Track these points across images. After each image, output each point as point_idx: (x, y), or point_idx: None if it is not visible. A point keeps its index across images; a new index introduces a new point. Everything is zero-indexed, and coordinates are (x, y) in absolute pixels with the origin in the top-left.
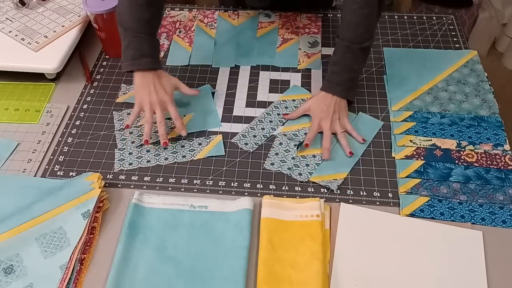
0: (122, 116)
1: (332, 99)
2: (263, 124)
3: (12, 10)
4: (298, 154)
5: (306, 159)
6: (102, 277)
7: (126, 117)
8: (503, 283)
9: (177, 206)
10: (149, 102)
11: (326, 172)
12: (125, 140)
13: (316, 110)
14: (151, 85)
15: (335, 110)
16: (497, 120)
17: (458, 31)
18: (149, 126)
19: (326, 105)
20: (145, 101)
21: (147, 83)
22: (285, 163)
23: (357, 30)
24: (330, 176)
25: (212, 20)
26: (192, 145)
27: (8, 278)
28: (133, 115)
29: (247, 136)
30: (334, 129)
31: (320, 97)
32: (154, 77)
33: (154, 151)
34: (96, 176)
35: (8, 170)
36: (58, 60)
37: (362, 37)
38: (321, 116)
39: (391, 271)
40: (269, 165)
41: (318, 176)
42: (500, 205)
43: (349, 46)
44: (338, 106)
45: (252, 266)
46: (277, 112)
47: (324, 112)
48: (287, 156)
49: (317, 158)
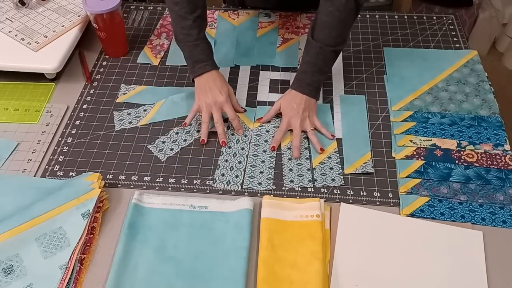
0: (123, 116)
1: (302, 98)
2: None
3: (12, 10)
4: (314, 164)
5: (325, 163)
6: (102, 277)
7: (126, 117)
8: (503, 283)
9: (177, 206)
10: (205, 104)
11: (354, 160)
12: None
13: (286, 108)
14: (207, 88)
15: (305, 108)
16: (497, 120)
17: (458, 31)
18: (205, 126)
19: (296, 104)
20: (201, 102)
21: (202, 86)
22: (303, 176)
23: (332, 33)
24: (359, 162)
25: (212, 20)
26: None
27: (8, 278)
28: (190, 114)
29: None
30: (304, 127)
31: (291, 96)
32: (209, 79)
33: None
34: (96, 176)
35: (8, 170)
36: (58, 60)
37: (336, 40)
38: (291, 114)
39: (391, 271)
40: (289, 183)
41: (350, 167)
42: (500, 205)
43: (322, 47)
44: (307, 104)
45: (252, 266)
46: (264, 139)
47: (294, 110)
48: (302, 169)
49: (334, 158)
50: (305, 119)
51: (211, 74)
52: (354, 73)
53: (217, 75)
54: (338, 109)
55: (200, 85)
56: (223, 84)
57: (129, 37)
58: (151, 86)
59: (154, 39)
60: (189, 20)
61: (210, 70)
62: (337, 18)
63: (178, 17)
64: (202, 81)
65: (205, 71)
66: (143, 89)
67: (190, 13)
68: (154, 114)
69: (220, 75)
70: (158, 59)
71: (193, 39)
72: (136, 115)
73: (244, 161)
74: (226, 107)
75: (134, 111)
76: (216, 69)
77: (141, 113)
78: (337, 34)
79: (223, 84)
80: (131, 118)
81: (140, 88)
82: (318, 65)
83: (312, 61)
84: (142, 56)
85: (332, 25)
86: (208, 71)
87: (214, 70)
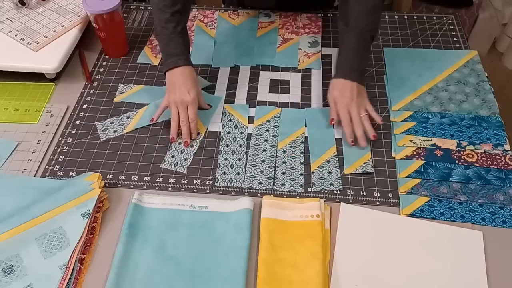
0: (106, 126)
1: (353, 85)
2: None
3: (12, 10)
4: (313, 168)
5: (324, 167)
6: (102, 277)
7: (109, 126)
8: (503, 283)
9: (177, 206)
10: (173, 102)
11: (354, 160)
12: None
13: (340, 98)
14: (175, 85)
15: (358, 94)
16: (497, 120)
17: (458, 31)
18: (174, 124)
19: (349, 92)
20: (170, 100)
21: (172, 82)
22: (295, 181)
23: (369, 18)
24: (359, 162)
25: (212, 20)
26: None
27: (8, 278)
28: (159, 110)
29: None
30: (360, 113)
31: (341, 86)
32: (179, 76)
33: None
34: (96, 176)
35: (8, 170)
36: (58, 60)
37: (372, 26)
38: (347, 103)
39: (391, 271)
40: (280, 186)
41: (350, 167)
42: (500, 205)
43: (362, 33)
44: (359, 90)
45: (252, 266)
46: (264, 139)
47: (348, 98)
48: (295, 173)
49: (332, 162)
50: (360, 105)
51: (183, 70)
52: None
53: (189, 72)
54: None
55: (170, 80)
56: (192, 83)
57: (129, 37)
58: (149, 86)
59: (154, 39)
60: (167, 14)
61: (182, 65)
62: (372, 5)
63: (157, 10)
64: (173, 76)
65: (177, 66)
66: (141, 88)
67: (170, 6)
68: (138, 120)
69: (192, 72)
70: (158, 59)
71: (168, 33)
72: (119, 123)
73: (244, 158)
74: (190, 107)
75: (117, 119)
76: (189, 65)
77: (124, 121)
78: (373, 19)
79: (193, 82)
80: (115, 126)
81: (138, 87)
82: (360, 50)
83: (354, 47)
84: (142, 56)
85: (367, 11)
86: (179, 66)
87: (186, 66)
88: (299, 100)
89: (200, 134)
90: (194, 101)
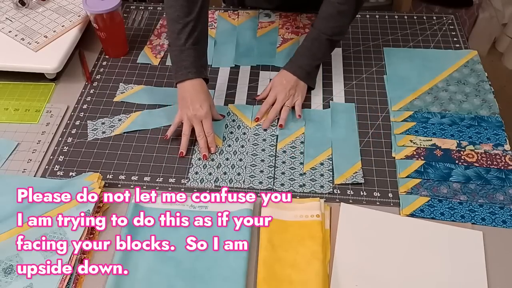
0: (96, 126)
1: (292, 78)
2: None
3: (12, 10)
4: (305, 169)
5: (316, 169)
6: (102, 277)
7: (100, 126)
8: (503, 283)
9: (177, 206)
10: (186, 116)
11: (345, 169)
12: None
13: (276, 83)
14: (188, 99)
15: (293, 87)
16: (497, 120)
17: (458, 31)
18: (185, 138)
19: (286, 81)
20: (183, 115)
21: (184, 96)
22: (294, 181)
23: (329, 22)
24: (350, 172)
25: (212, 20)
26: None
27: (8, 278)
28: (172, 126)
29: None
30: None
31: (282, 75)
32: (191, 89)
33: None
34: (96, 176)
35: (8, 170)
36: (58, 60)
37: (333, 30)
38: (279, 89)
39: (391, 271)
40: (280, 186)
41: (340, 177)
42: (500, 205)
43: (319, 34)
44: (296, 84)
45: (252, 266)
46: (262, 138)
47: (282, 85)
48: (294, 174)
49: (326, 165)
50: (290, 97)
51: (193, 83)
52: (354, 73)
53: (199, 84)
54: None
55: (182, 94)
56: (205, 96)
57: (129, 37)
58: (149, 86)
59: (154, 39)
60: (180, 25)
61: (192, 78)
62: (337, 9)
63: (170, 20)
64: (184, 90)
65: (187, 79)
66: (141, 88)
67: (183, 17)
68: (129, 124)
69: (203, 85)
70: (158, 59)
71: (180, 44)
72: (110, 124)
73: (245, 158)
74: (205, 121)
75: (109, 121)
76: (200, 78)
77: (115, 123)
78: (335, 24)
79: (205, 96)
80: (105, 127)
81: (138, 87)
82: (312, 50)
83: (307, 46)
84: (142, 56)
85: (331, 15)
86: (189, 79)
87: (196, 79)
88: None
89: (218, 147)
90: (208, 115)
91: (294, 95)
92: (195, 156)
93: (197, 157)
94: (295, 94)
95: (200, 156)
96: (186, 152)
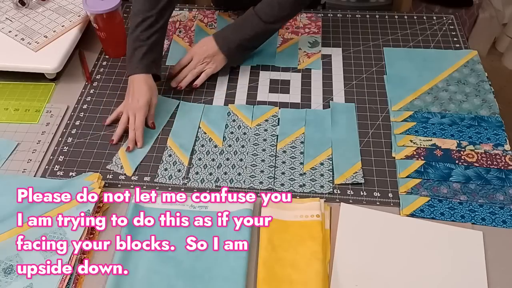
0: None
1: (214, 47)
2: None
3: (12, 10)
4: (305, 169)
5: (316, 169)
6: (102, 277)
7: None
8: (503, 283)
9: (177, 206)
10: (125, 107)
11: (345, 169)
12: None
13: (197, 47)
14: (130, 91)
15: (210, 55)
16: (497, 120)
17: (458, 31)
18: (120, 127)
19: (207, 47)
20: (124, 104)
21: (128, 89)
22: (294, 181)
23: (267, 8)
24: (350, 172)
25: (212, 20)
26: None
27: (8, 278)
28: (113, 114)
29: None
30: (198, 67)
31: (207, 40)
32: (135, 83)
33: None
34: (96, 176)
35: (8, 170)
36: (58, 60)
37: (267, 16)
38: (196, 52)
39: (391, 271)
40: (280, 186)
41: (340, 177)
42: (500, 205)
43: (253, 15)
44: (214, 53)
45: (252, 266)
46: (263, 138)
47: (201, 50)
48: (294, 174)
49: (326, 165)
50: (204, 63)
51: (140, 77)
52: (354, 73)
53: (145, 80)
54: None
55: (128, 86)
56: (146, 92)
57: None
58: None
59: None
60: (139, 18)
61: (139, 73)
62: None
63: (132, 13)
64: (131, 82)
65: (134, 73)
66: None
67: (143, 11)
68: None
69: (148, 81)
70: None
71: (134, 37)
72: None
73: (245, 158)
74: (138, 115)
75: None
76: (148, 74)
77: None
78: (272, 13)
79: (147, 91)
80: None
81: None
82: (242, 27)
83: (239, 22)
84: None
85: (270, 2)
86: (136, 74)
87: (142, 75)
88: (299, 100)
89: (218, 147)
90: (142, 109)
91: (208, 63)
92: (195, 156)
93: (197, 157)
94: (210, 63)
95: (200, 156)
96: (117, 140)
